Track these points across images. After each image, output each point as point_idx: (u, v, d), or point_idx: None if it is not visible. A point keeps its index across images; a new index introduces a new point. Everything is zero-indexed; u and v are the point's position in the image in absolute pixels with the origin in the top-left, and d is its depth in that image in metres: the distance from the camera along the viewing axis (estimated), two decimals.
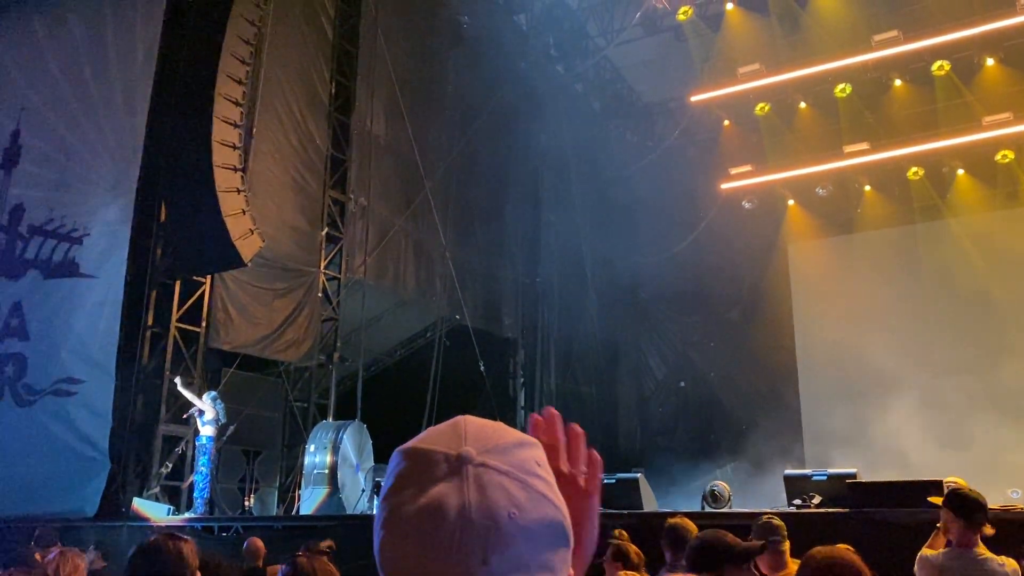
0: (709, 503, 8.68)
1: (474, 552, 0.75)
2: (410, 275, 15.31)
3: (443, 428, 0.84)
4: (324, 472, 10.89)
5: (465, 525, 0.75)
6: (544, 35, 18.66)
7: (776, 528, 4.33)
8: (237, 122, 11.12)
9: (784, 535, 4.33)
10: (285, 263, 12.69)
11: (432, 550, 0.76)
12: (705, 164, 17.61)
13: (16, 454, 11.45)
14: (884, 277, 15.78)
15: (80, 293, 11.91)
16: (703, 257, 17.27)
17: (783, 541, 4.33)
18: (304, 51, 13.51)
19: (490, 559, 0.75)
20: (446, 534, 0.75)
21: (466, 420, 0.84)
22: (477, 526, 0.75)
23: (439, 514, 0.76)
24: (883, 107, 15.51)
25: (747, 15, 15.73)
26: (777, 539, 4.28)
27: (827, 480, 7.76)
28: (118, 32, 12.78)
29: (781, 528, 4.34)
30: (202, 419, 10.63)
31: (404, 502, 0.78)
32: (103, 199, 12.14)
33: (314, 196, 13.38)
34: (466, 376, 15.13)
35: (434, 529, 0.76)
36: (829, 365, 15.70)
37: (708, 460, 15.16)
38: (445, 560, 0.75)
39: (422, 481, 0.79)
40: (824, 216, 16.66)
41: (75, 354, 11.66)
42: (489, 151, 16.76)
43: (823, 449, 14.07)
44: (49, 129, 13.02)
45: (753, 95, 16.02)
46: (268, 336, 12.34)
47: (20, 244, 12.77)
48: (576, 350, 18.64)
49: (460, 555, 0.75)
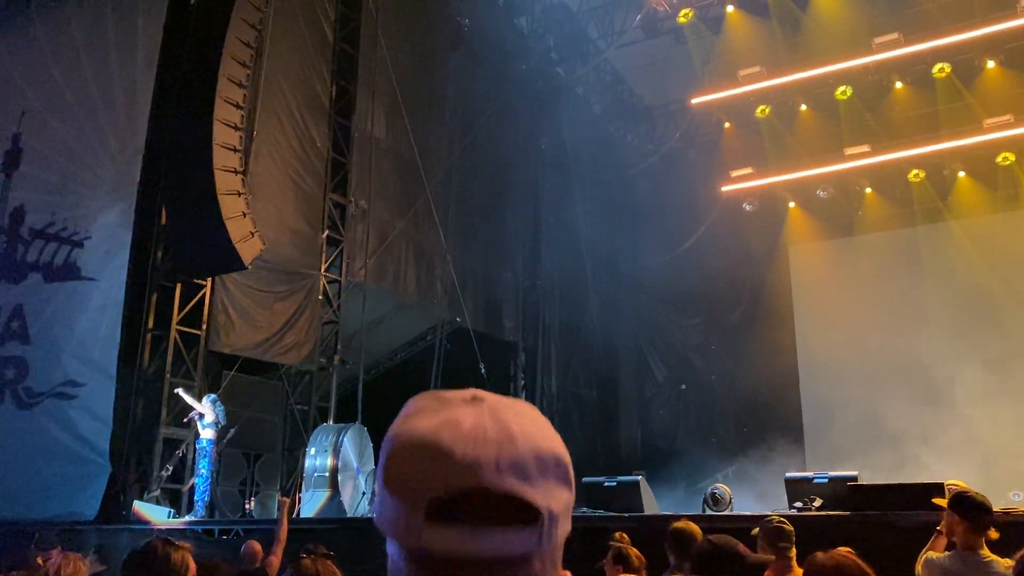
0: (710, 506, 8.67)
1: (487, 456, 0.77)
2: (411, 278, 15.30)
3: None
4: (325, 475, 10.88)
5: (479, 435, 0.78)
6: (545, 38, 18.67)
7: (787, 534, 4.28)
8: (238, 125, 11.11)
9: (793, 541, 4.30)
10: (286, 266, 12.69)
11: (444, 454, 0.77)
12: (706, 166, 17.63)
13: (17, 457, 11.44)
14: (885, 279, 15.79)
15: (81, 296, 11.91)
16: (704, 259, 17.28)
17: (791, 547, 4.30)
18: (305, 54, 13.52)
19: (501, 465, 0.77)
20: (460, 440, 0.78)
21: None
22: (491, 438, 0.78)
23: (455, 425, 0.79)
24: (884, 109, 15.53)
25: (748, 17, 15.74)
26: (786, 545, 4.25)
27: (828, 483, 7.75)
28: (119, 35, 12.79)
29: (791, 534, 4.30)
30: (202, 422, 10.63)
31: (419, 422, 0.81)
32: (104, 202, 12.14)
33: (315, 199, 13.38)
34: (467, 379, 15.09)
35: (450, 436, 0.78)
36: (830, 367, 15.69)
37: (709, 463, 15.15)
38: (458, 462, 0.77)
39: (437, 409, 0.82)
40: (825, 218, 16.67)
41: (76, 357, 11.66)
42: (490, 154, 16.76)
43: (824, 451, 14.08)
44: (50, 132, 13.02)
45: (754, 97, 16.03)
46: (269, 339, 12.33)
47: (21, 247, 12.77)
48: (577, 353, 18.63)
49: (472, 458, 0.77)
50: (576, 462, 0.85)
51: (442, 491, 0.77)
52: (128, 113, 12.33)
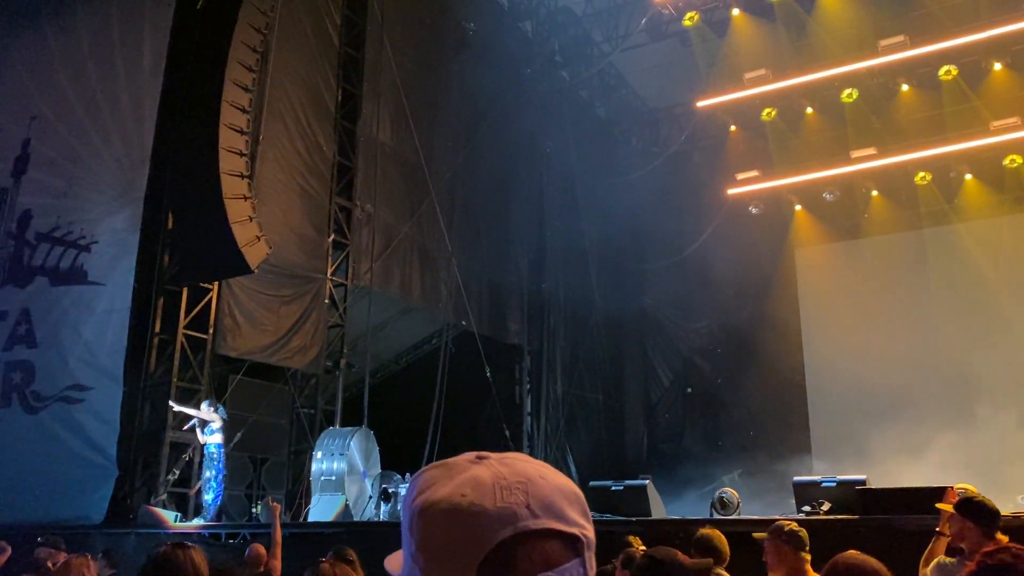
0: (718, 510, 8.64)
1: (517, 501, 0.82)
2: (416, 281, 15.31)
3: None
4: (332, 479, 10.87)
5: (503, 486, 0.83)
6: (549, 41, 18.68)
7: (802, 539, 4.23)
8: (244, 129, 11.14)
9: (807, 546, 4.25)
10: (292, 270, 12.70)
11: (478, 512, 0.81)
12: (711, 170, 17.61)
13: (24, 461, 11.46)
14: (892, 282, 15.75)
15: (88, 300, 11.94)
16: (710, 263, 17.24)
17: (806, 552, 4.25)
18: (310, 59, 13.54)
19: (533, 506, 0.82)
20: (487, 494, 0.82)
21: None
22: (514, 485, 0.83)
23: (476, 483, 0.83)
24: (890, 112, 15.49)
25: (753, 21, 15.72)
26: (800, 549, 4.21)
27: (836, 486, 7.73)
28: (125, 42, 12.83)
29: (805, 538, 4.25)
30: (208, 429, 10.61)
31: (439, 491, 0.84)
32: (111, 207, 12.17)
33: (320, 203, 13.40)
34: (472, 383, 15.10)
35: (477, 495, 0.82)
36: (837, 370, 15.65)
37: (716, 467, 15.09)
38: (494, 514, 0.81)
39: (449, 475, 0.85)
40: (831, 221, 16.64)
41: (83, 361, 11.68)
42: (494, 157, 16.77)
43: (831, 455, 14.03)
44: (58, 137, 13.07)
45: (759, 100, 16.01)
46: (275, 343, 12.34)
47: (28, 251, 12.81)
48: (582, 356, 18.60)
49: (505, 506, 0.81)
50: (582, 466, 0.87)
51: (489, 546, 0.79)
52: (134, 119, 12.37)
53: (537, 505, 0.82)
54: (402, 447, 13.68)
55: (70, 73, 13.25)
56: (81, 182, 12.64)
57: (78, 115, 12.94)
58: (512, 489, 0.82)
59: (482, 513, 0.80)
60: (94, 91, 12.87)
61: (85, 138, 12.75)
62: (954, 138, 14.79)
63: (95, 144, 12.62)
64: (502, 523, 0.80)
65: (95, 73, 12.97)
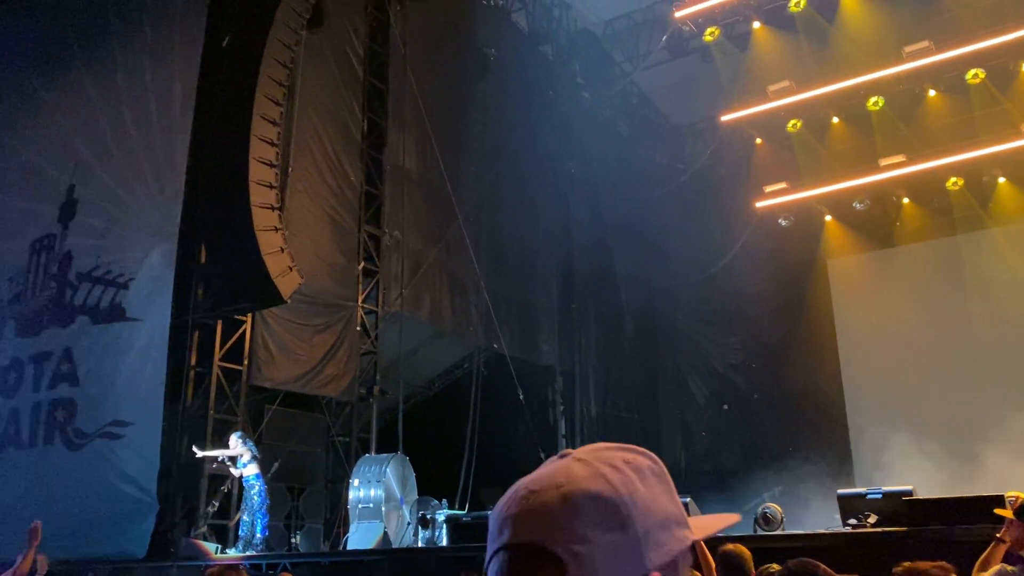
0: (761, 526, 8.50)
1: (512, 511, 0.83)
2: (446, 306, 15.34)
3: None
4: (369, 507, 10.86)
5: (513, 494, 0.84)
6: (570, 63, 18.78)
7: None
8: (273, 162, 11.29)
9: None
10: (323, 298, 12.80)
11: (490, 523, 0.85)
12: (738, 183, 17.52)
13: (68, 497, 11.59)
14: (928, 290, 15.52)
15: (127, 337, 12.10)
16: (741, 277, 17.10)
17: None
18: (336, 90, 13.73)
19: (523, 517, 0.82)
20: (500, 503, 0.85)
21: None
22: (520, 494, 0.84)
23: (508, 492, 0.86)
24: (918, 118, 15.33)
25: (774, 33, 15.68)
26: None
27: (882, 498, 7.57)
28: (157, 81, 13.11)
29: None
30: (240, 463, 10.62)
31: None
32: (147, 244, 12.37)
33: (350, 231, 13.52)
34: (505, 405, 15.04)
35: (497, 505, 0.86)
36: (875, 381, 15.40)
37: (755, 483, 14.88)
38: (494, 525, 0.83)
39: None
40: (863, 231, 16.45)
41: (123, 397, 11.83)
42: (519, 180, 16.83)
43: (873, 467, 13.77)
44: (98, 180, 13.34)
45: (784, 112, 15.93)
46: (309, 372, 12.42)
47: (69, 291, 13.05)
48: (615, 375, 18.49)
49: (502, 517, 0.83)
50: None
51: (488, 557, 0.80)
52: (166, 157, 12.60)
53: (529, 515, 0.79)
54: (438, 472, 13.65)
55: (109, 117, 13.55)
56: (119, 222, 12.88)
57: (116, 157, 13.21)
58: (516, 499, 0.80)
59: (490, 524, 0.82)
60: (130, 132, 13.15)
61: (122, 179, 13.01)
62: (985, 141, 14.59)
63: (131, 184, 12.87)
64: (498, 535, 0.79)
65: (130, 115, 13.26)
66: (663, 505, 0.85)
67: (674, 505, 0.87)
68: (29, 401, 12.86)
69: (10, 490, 12.43)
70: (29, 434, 12.71)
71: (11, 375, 13.28)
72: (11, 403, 13.11)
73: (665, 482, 0.88)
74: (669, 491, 0.87)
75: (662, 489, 0.87)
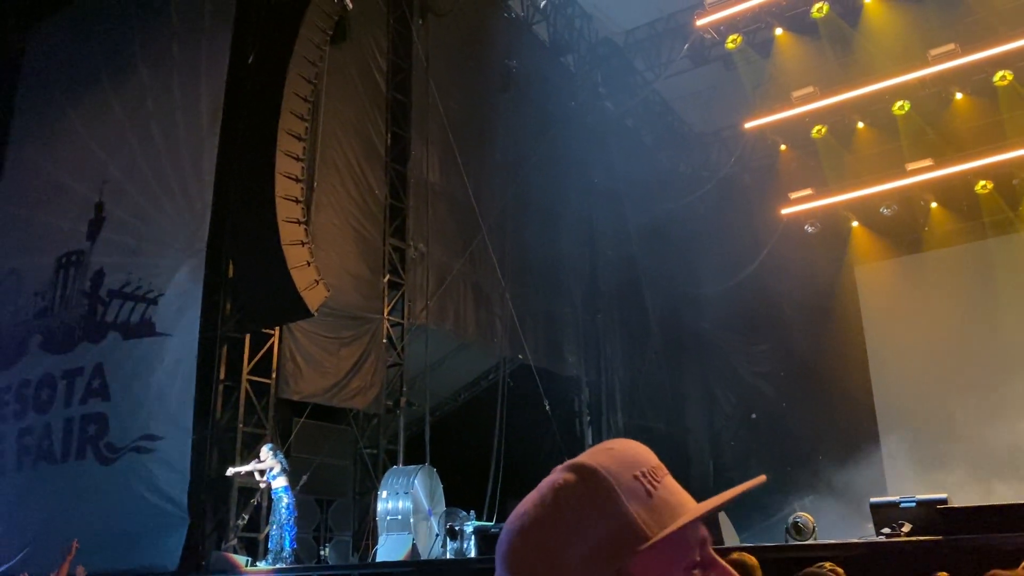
0: (793, 535, 8.39)
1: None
2: (471, 318, 15.37)
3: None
4: (398, 518, 10.86)
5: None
6: (592, 73, 18.81)
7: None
8: (299, 176, 11.40)
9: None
10: (349, 311, 12.87)
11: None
12: (763, 190, 17.43)
13: (101, 511, 11.72)
14: (958, 295, 15.30)
15: (157, 352, 12.25)
16: (767, 284, 16.98)
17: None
18: (359, 105, 13.85)
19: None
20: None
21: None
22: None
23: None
24: (945, 122, 15.17)
25: (797, 39, 15.61)
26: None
27: (916, 507, 7.45)
28: (184, 98, 13.32)
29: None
30: (269, 475, 10.69)
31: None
32: (175, 260, 12.53)
33: (374, 244, 13.60)
34: (532, 416, 15.02)
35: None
36: (906, 387, 15.20)
37: (786, 492, 14.71)
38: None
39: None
40: (891, 236, 16.28)
41: (153, 411, 11.96)
42: (543, 191, 16.84)
43: (906, 475, 13.57)
44: (128, 198, 13.56)
45: (809, 118, 15.83)
46: (336, 384, 12.48)
47: (100, 308, 13.24)
48: (642, 385, 18.40)
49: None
50: None
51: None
52: (194, 173, 12.77)
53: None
54: (465, 484, 13.64)
55: (138, 135, 13.78)
56: (149, 238, 13.06)
57: (145, 175, 13.41)
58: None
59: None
60: (159, 150, 13.35)
61: (152, 196, 13.20)
62: (1014, 143, 14.40)
63: (160, 201, 13.06)
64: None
65: (159, 132, 13.47)
66: (591, 527, 0.83)
67: (613, 520, 0.83)
68: (61, 416, 13.04)
69: (43, 504, 12.61)
70: (62, 449, 12.88)
71: (44, 391, 13.48)
72: (44, 418, 13.30)
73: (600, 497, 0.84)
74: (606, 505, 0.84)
75: (594, 507, 0.84)
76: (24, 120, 16.08)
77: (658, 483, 0.88)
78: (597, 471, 0.86)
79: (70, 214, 14.28)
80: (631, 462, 0.88)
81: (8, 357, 14.19)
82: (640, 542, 0.82)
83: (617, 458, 0.88)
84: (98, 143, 14.32)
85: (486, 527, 10.65)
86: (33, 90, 16.25)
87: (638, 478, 0.86)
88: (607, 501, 0.84)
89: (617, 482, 0.85)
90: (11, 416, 13.76)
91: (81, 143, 14.59)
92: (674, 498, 0.88)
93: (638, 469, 0.87)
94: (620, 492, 0.85)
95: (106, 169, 14.01)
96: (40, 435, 13.23)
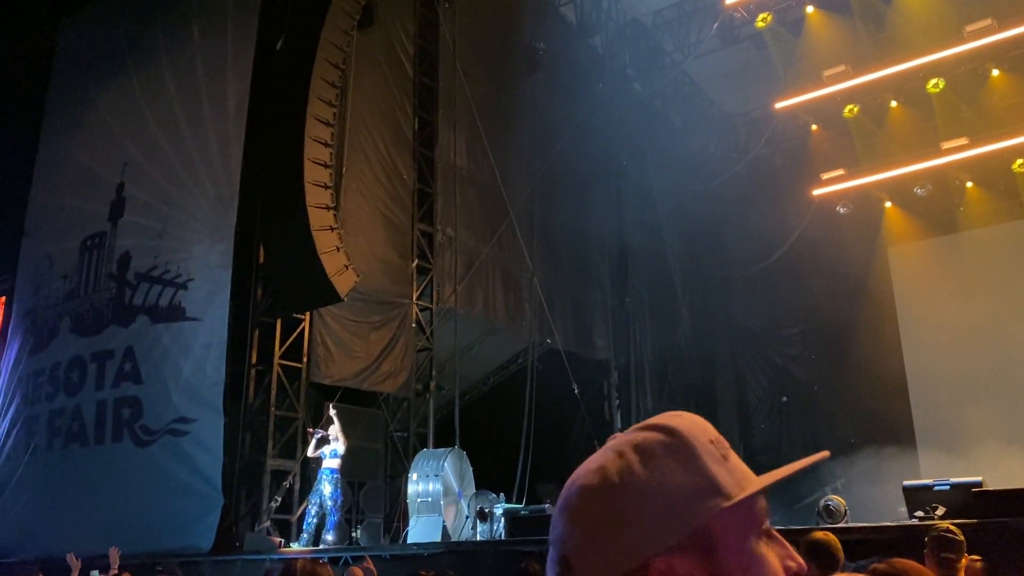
0: (824, 519, 8.35)
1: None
2: (499, 302, 15.40)
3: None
4: (428, 500, 10.96)
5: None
6: (620, 55, 18.64)
7: (953, 544, 3.97)
8: (327, 162, 11.47)
9: (962, 551, 3.99)
10: (379, 296, 12.96)
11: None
12: (794, 171, 17.19)
13: (138, 493, 11.96)
14: (994, 276, 15.02)
15: (187, 336, 12.43)
16: (799, 266, 16.78)
17: (958, 559, 3.99)
18: (387, 90, 13.87)
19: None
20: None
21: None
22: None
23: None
24: (980, 99, 14.82)
25: (829, 17, 15.33)
26: (951, 556, 3.96)
27: (951, 490, 7.37)
28: (210, 85, 13.42)
29: (959, 544, 3.99)
30: (332, 452, 10.89)
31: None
32: (204, 245, 12.68)
33: (403, 229, 13.66)
34: (561, 400, 15.05)
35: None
36: (940, 370, 14.97)
37: (818, 476, 14.59)
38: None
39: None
40: (925, 216, 15.99)
41: (186, 395, 12.15)
42: (571, 174, 16.77)
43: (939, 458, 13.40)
44: (150, 181, 13.73)
45: (840, 97, 15.53)
46: (366, 368, 12.59)
47: (128, 291, 13.45)
48: (671, 369, 18.33)
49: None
50: None
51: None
52: (221, 158, 12.88)
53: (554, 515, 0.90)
54: (494, 467, 13.71)
55: (159, 118, 13.92)
56: (175, 222, 13.22)
57: (169, 159, 13.56)
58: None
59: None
60: (183, 134, 13.48)
61: (177, 180, 13.35)
62: None
63: (187, 185, 13.20)
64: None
65: (183, 117, 13.60)
66: (674, 482, 0.84)
67: (697, 476, 0.85)
68: (92, 399, 13.27)
69: (75, 486, 12.86)
70: (95, 431, 13.11)
71: (74, 373, 13.73)
72: (74, 401, 13.55)
73: (683, 454, 0.86)
74: (689, 463, 0.85)
75: (677, 463, 0.85)
76: (55, 114, 16.35)
77: (728, 451, 0.90)
78: (679, 429, 0.88)
79: (93, 196, 14.53)
80: (703, 428, 0.90)
81: (42, 340, 14.50)
82: (724, 499, 0.84)
83: (691, 423, 0.90)
84: (120, 126, 14.52)
85: (515, 509, 10.72)
86: (64, 84, 16.49)
87: (713, 443, 0.89)
88: (691, 457, 0.86)
89: (697, 442, 0.88)
90: (44, 398, 14.06)
91: (105, 127, 14.80)
92: (743, 466, 0.90)
93: (710, 436, 0.90)
94: (701, 452, 0.87)
95: (127, 151, 14.19)
96: (70, 416, 13.49)
